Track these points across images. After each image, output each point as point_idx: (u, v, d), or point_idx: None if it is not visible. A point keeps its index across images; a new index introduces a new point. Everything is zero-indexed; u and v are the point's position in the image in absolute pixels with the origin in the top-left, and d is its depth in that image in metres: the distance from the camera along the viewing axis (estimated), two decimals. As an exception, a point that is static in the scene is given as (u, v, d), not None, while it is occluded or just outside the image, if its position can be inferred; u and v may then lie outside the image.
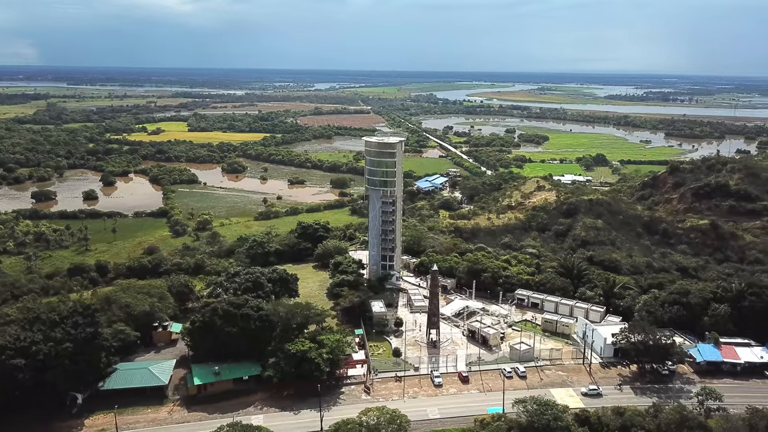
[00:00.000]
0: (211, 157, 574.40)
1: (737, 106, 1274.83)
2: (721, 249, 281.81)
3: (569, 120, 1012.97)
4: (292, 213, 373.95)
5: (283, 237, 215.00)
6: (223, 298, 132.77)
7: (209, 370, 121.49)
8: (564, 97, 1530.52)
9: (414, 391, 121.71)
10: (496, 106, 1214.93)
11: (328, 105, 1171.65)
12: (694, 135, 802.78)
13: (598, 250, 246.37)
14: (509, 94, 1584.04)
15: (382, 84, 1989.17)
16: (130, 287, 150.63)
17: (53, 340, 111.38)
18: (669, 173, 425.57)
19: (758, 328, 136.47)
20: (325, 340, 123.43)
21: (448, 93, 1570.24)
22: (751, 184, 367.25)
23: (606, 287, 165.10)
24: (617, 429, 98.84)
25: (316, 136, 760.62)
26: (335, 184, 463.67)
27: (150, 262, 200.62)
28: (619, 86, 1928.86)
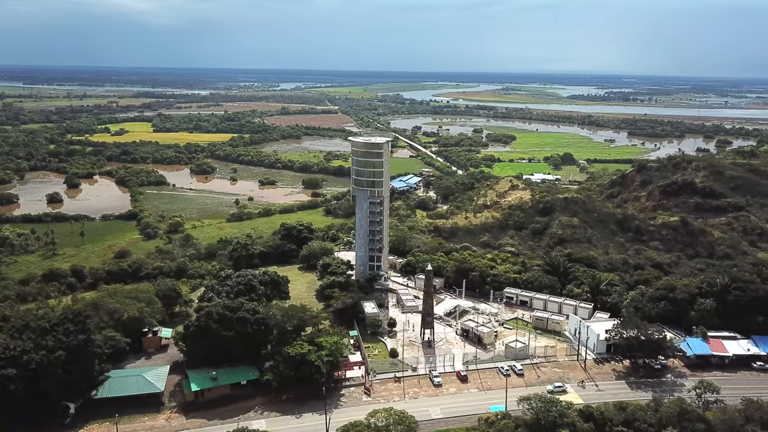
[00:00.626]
0: (179, 158, 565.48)
1: (702, 106, 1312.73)
2: (691, 245, 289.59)
3: (535, 120, 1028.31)
4: (265, 214, 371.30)
5: (266, 239, 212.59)
6: (217, 301, 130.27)
7: (206, 376, 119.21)
8: (528, 97, 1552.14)
9: (414, 392, 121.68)
10: (463, 106, 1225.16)
11: (295, 105, 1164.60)
12: (655, 134, 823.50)
13: (576, 248, 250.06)
14: (474, 95, 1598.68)
15: (348, 84, 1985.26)
16: (116, 292, 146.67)
17: (45, 348, 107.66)
18: (637, 171, 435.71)
19: (742, 321, 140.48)
20: (323, 342, 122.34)
21: (415, 93, 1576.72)
22: (716, 182, 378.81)
23: (592, 284, 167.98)
24: (621, 423, 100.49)
25: (284, 136, 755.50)
26: (307, 184, 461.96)
27: (130, 266, 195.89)
28: (580, 86, 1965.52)
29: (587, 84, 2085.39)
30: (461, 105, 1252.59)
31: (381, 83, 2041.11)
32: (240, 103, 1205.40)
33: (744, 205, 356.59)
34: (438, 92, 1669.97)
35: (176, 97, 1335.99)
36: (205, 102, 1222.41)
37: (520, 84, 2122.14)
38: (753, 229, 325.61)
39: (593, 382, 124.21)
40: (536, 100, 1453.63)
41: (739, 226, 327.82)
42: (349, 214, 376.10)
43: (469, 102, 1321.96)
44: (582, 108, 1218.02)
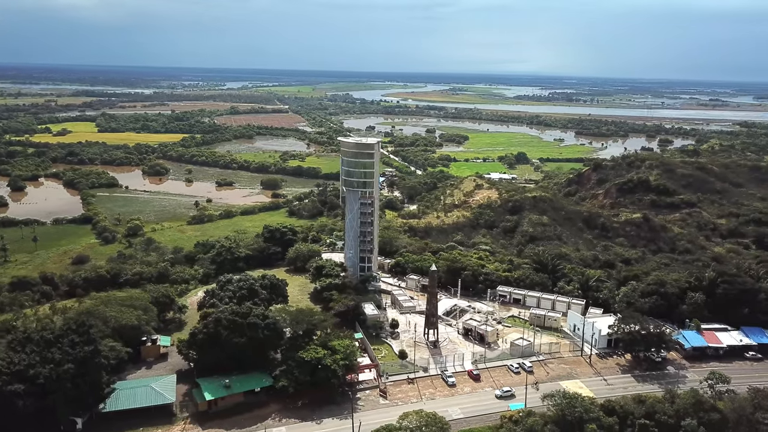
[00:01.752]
0: (129, 159, 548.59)
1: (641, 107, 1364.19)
2: (654, 240, 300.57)
3: (484, 120, 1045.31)
4: (226, 216, 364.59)
5: (249, 241, 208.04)
6: (224, 307, 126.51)
7: (219, 384, 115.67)
8: (475, 97, 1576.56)
9: (430, 393, 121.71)
10: (413, 107, 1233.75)
11: (244, 104, 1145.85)
12: (601, 133, 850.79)
13: (548, 245, 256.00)
14: (423, 95, 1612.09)
15: (296, 83, 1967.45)
16: (111, 300, 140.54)
17: (52, 361, 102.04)
18: (592, 170, 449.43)
19: (730, 313, 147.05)
20: (337, 345, 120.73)
21: (364, 93, 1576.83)
22: (669, 180, 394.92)
23: (582, 281, 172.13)
24: (642, 416, 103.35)
25: (236, 136, 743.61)
26: (266, 185, 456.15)
27: (108, 272, 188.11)
28: (525, 87, 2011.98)
29: (530, 85, 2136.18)
30: (411, 105, 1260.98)
31: (329, 83, 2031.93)
32: (187, 103, 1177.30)
33: (696, 202, 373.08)
34: (387, 92, 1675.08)
35: (118, 96, 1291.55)
36: (150, 101, 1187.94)
37: (467, 84, 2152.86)
38: (706, 224, 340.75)
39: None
40: (483, 100, 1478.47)
41: (693, 222, 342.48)
42: (314, 215, 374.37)
43: (418, 102, 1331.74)
44: (529, 108, 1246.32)
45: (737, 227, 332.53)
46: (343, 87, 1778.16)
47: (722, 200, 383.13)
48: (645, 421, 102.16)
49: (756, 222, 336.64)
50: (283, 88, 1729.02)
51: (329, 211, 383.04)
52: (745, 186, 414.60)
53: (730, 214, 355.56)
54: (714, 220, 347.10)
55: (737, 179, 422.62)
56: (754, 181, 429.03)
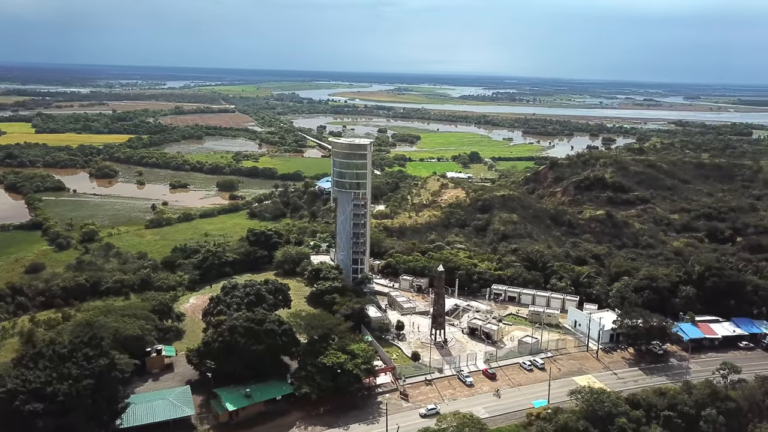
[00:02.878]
0: (74, 161, 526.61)
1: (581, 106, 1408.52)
2: (618, 236, 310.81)
3: (433, 120, 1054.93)
4: (185, 219, 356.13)
5: (234, 245, 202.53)
6: (237, 314, 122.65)
7: (239, 393, 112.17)
8: (421, 97, 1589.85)
9: (450, 393, 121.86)
10: (362, 106, 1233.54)
11: (189, 104, 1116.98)
12: (547, 132, 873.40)
13: (520, 243, 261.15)
14: (369, 94, 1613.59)
15: (239, 82, 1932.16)
16: (111, 310, 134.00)
17: (70, 377, 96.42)
18: (549, 168, 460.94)
19: (718, 306, 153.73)
20: (356, 350, 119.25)
21: (311, 92, 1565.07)
22: (623, 177, 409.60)
23: (573, 277, 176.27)
24: (665, 408, 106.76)
25: (185, 136, 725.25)
26: (222, 186, 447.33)
27: (87, 280, 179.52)
28: (468, 87, 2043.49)
29: (473, 84, 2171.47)
30: (360, 105, 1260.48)
31: (274, 82, 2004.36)
32: (128, 102, 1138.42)
33: (649, 198, 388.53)
34: (333, 91, 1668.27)
35: (53, 95, 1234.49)
36: (88, 101, 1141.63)
37: (412, 84, 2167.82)
38: (661, 220, 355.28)
39: (610, 371, 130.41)
40: (430, 100, 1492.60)
41: (648, 217, 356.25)
42: (277, 217, 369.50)
43: (367, 102, 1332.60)
44: (475, 108, 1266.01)
45: (689, 222, 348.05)
46: (288, 86, 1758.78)
47: (673, 196, 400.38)
48: (668, 413, 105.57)
49: (706, 217, 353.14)
50: (226, 87, 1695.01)
51: (292, 213, 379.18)
52: (692, 182, 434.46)
53: (682, 209, 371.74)
54: (668, 215, 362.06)
55: (684, 176, 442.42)
56: (700, 177, 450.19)
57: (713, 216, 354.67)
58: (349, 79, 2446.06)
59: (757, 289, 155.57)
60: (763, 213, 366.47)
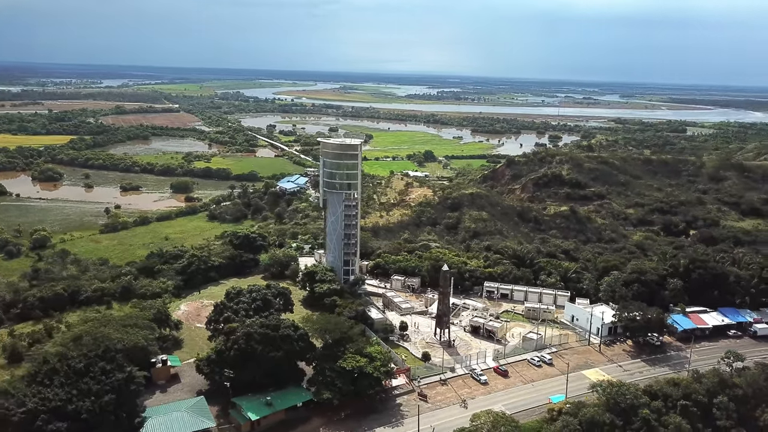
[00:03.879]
0: (13, 163, 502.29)
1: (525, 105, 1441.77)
2: (582, 231, 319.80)
3: (382, 119, 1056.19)
4: (142, 223, 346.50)
5: (217, 249, 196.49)
6: (251, 321, 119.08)
7: (260, 402, 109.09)
8: (368, 95, 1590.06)
9: (466, 392, 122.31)
10: (309, 105, 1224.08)
11: (130, 103, 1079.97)
12: (495, 131, 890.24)
13: (492, 240, 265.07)
14: (315, 93, 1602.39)
15: (180, 81, 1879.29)
16: (110, 320, 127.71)
17: (91, 393, 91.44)
18: (506, 166, 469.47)
19: (705, 296, 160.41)
20: (373, 353, 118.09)
21: (255, 91, 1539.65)
22: (579, 174, 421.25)
23: (562, 273, 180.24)
24: (681, 398, 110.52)
25: (130, 137, 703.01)
26: (176, 188, 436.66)
27: (65, 290, 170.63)
28: (413, 86, 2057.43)
29: (417, 84, 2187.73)
30: (307, 103, 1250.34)
31: (217, 80, 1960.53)
32: (64, 102, 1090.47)
33: (605, 194, 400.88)
34: (278, 90, 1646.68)
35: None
36: (21, 100, 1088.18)
37: (357, 83, 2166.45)
38: (618, 214, 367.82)
39: (615, 363, 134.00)
40: (376, 99, 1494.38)
41: (606, 212, 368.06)
42: (238, 219, 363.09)
43: (314, 101, 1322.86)
44: (422, 107, 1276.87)
45: (644, 216, 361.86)
46: (232, 85, 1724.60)
47: (627, 191, 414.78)
48: (684, 402, 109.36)
49: (660, 211, 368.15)
50: (167, 86, 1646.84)
51: (254, 214, 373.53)
52: (642, 178, 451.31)
53: (636, 204, 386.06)
54: (623, 210, 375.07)
55: (635, 172, 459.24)
56: (649, 173, 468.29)
57: (665, 210, 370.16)
58: (293, 77, 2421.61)
59: (739, 279, 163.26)
60: (710, 206, 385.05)
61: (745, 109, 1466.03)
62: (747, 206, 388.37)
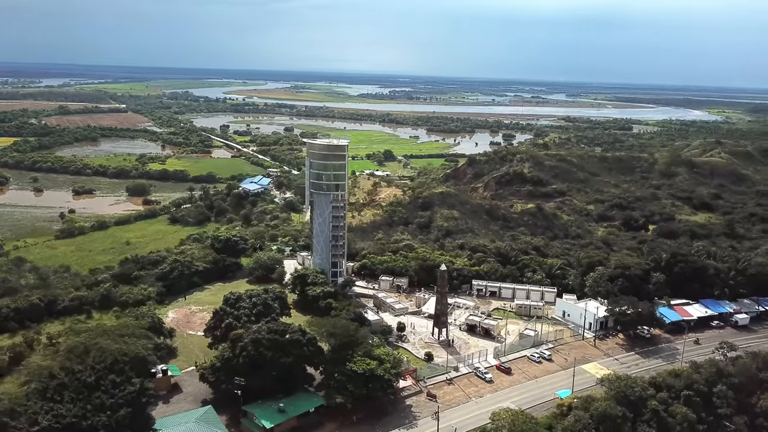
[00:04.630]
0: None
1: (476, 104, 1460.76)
2: (549, 228, 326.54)
3: (337, 118, 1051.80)
4: (99, 228, 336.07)
5: (198, 254, 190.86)
6: (258, 326, 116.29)
7: (272, 409, 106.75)
8: (320, 95, 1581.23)
9: (474, 391, 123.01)
10: (261, 104, 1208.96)
11: (74, 104, 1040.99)
12: (450, 130, 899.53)
13: (465, 238, 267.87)
14: (266, 92, 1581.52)
15: (125, 80, 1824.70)
16: (105, 331, 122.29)
17: (105, 408, 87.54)
18: (468, 165, 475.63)
19: (685, 289, 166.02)
20: (382, 355, 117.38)
21: (205, 91, 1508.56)
22: (540, 171, 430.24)
23: (546, 269, 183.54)
24: (683, 388, 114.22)
25: (78, 138, 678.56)
26: (132, 191, 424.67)
27: (41, 299, 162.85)
28: (365, 85, 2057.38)
29: (369, 83, 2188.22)
30: (260, 103, 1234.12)
31: (163, 80, 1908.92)
32: (1, 102, 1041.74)
33: (566, 191, 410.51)
34: (228, 90, 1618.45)
35: None
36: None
37: (309, 82, 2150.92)
38: (580, 211, 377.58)
39: (611, 357, 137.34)
40: (329, 98, 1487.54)
41: (568, 209, 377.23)
42: (201, 221, 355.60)
43: (267, 100, 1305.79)
44: (376, 106, 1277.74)
45: (605, 212, 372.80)
46: (180, 85, 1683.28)
47: (586, 188, 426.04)
48: (687, 392, 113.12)
49: (619, 207, 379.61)
50: (112, 85, 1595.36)
51: (217, 217, 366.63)
52: (599, 175, 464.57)
53: (596, 200, 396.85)
54: (584, 206, 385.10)
55: (592, 169, 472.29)
56: (605, 170, 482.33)
57: (624, 206, 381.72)
58: (243, 77, 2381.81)
59: (718, 272, 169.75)
60: (664, 201, 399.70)
61: (685, 107, 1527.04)
62: (698, 201, 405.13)
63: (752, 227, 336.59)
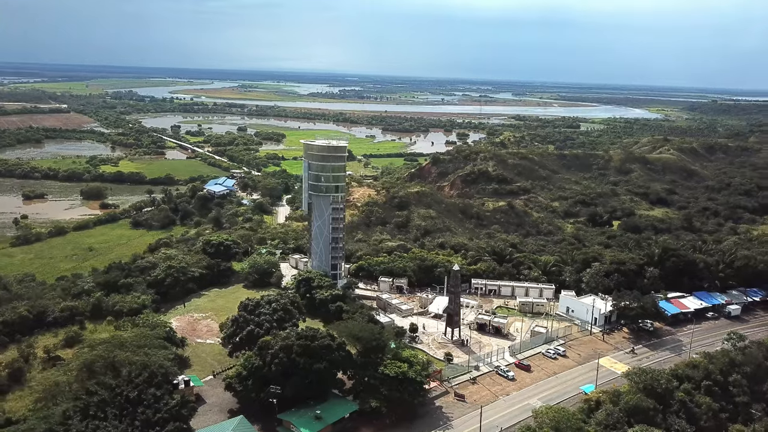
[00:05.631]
0: None
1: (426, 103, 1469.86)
2: (521, 225, 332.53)
3: (290, 117, 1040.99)
4: (57, 234, 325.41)
5: (191, 259, 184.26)
6: (287, 333, 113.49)
7: (309, 417, 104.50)
8: (269, 94, 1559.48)
9: (499, 389, 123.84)
10: (210, 104, 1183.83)
11: (11, 103, 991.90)
12: (405, 129, 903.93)
13: (444, 236, 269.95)
14: (213, 92, 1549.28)
15: (63, 79, 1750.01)
16: (122, 342, 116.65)
17: (153, 423, 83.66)
18: (432, 164, 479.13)
19: (677, 283, 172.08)
20: (411, 357, 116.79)
21: (150, 90, 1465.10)
22: (504, 170, 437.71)
23: (542, 267, 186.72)
24: (702, 379, 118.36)
25: (20, 140, 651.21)
26: (87, 195, 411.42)
27: (30, 311, 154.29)
28: (313, 84, 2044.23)
29: (317, 82, 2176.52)
30: (208, 103, 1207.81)
31: (103, 79, 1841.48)
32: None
33: (530, 188, 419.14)
34: (173, 89, 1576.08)
35: None
36: None
37: (256, 81, 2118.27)
38: (546, 207, 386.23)
39: (622, 350, 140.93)
40: (279, 97, 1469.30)
41: (533, 206, 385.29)
42: (166, 225, 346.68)
43: (216, 100, 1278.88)
44: (328, 105, 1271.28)
45: (569, 208, 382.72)
46: (122, 84, 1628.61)
47: (549, 185, 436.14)
48: (707, 383, 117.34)
49: (582, 203, 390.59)
50: (50, 84, 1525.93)
51: (183, 220, 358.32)
52: (560, 172, 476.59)
53: (560, 197, 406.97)
54: (549, 203, 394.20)
55: (552, 167, 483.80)
56: (564, 167, 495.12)
57: (587, 202, 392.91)
58: (187, 75, 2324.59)
59: (708, 265, 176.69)
60: (623, 197, 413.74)
61: (625, 105, 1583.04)
62: (654, 196, 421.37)
63: (707, 221, 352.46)
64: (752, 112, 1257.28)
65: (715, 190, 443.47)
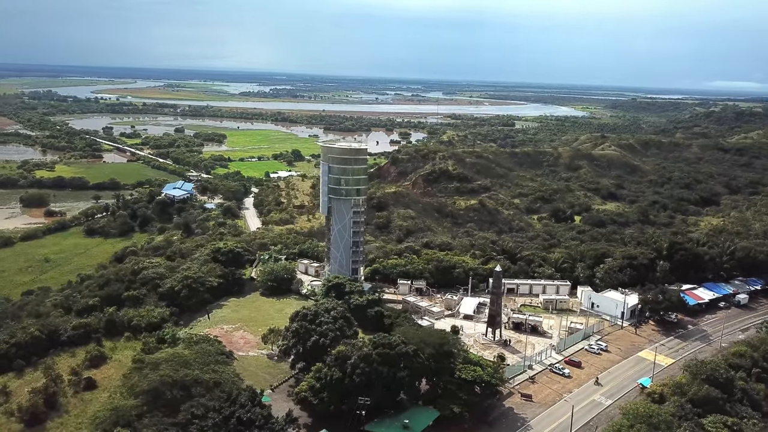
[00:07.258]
0: None
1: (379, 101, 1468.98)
2: (494, 222, 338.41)
3: (226, 117, 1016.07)
4: (4, 245, 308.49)
5: (204, 269, 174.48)
6: (363, 342, 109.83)
7: (397, 426, 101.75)
8: (199, 93, 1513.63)
9: (559, 387, 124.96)
10: (140, 104, 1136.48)
11: None
12: (346, 128, 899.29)
13: (426, 236, 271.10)
14: (138, 91, 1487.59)
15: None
16: (186, 361, 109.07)
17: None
18: (391, 163, 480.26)
19: (687, 275, 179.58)
20: (481, 361, 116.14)
21: (70, 90, 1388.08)
22: (464, 168, 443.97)
23: (554, 264, 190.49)
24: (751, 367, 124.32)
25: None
26: (28, 202, 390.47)
27: (42, 330, 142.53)
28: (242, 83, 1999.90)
29: (246, 81, 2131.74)
30: (137, 103, 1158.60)
31: (15, 78, 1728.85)
32: None
33: (490, 186, 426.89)
34: (96, 89, 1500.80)
35: None
36: None
37: (182, 80, 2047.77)
38: (508, 204, 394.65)
39: (656, 343, 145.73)
40: (210, 97, 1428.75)
41: (496, 203, 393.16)
42: (125, 232, 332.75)
43: (144, 100, 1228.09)
44: (262, 105, 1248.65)
45: (530, 205, 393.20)
46: (38, 83, 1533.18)
47: (507, 183, 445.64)
48: (756, 370, 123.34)
49: (542, 199, 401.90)
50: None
51: (143, 227, 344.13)
52: (514, 170, 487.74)
53: (520, 194, 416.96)
54: (510, 200, 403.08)
55: (506, 164, 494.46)
56: (517, 165, 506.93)
57: (546, 198, 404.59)
58: (106, 74, 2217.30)
59: (712, 257, 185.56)
60: (578, 193, 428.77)
61: (552, 104, 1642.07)
62: (605, 191, 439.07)
63: (659, 214, 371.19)
64: (668, 109, 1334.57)
65: (659, 184, 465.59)
